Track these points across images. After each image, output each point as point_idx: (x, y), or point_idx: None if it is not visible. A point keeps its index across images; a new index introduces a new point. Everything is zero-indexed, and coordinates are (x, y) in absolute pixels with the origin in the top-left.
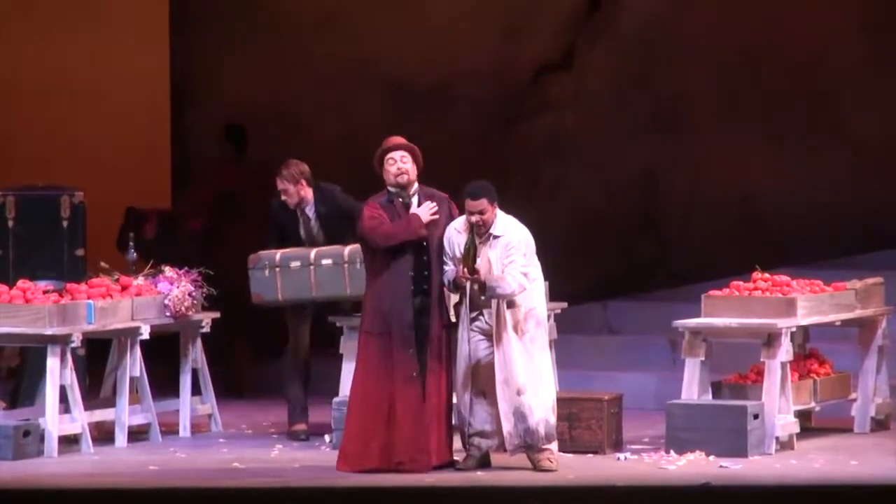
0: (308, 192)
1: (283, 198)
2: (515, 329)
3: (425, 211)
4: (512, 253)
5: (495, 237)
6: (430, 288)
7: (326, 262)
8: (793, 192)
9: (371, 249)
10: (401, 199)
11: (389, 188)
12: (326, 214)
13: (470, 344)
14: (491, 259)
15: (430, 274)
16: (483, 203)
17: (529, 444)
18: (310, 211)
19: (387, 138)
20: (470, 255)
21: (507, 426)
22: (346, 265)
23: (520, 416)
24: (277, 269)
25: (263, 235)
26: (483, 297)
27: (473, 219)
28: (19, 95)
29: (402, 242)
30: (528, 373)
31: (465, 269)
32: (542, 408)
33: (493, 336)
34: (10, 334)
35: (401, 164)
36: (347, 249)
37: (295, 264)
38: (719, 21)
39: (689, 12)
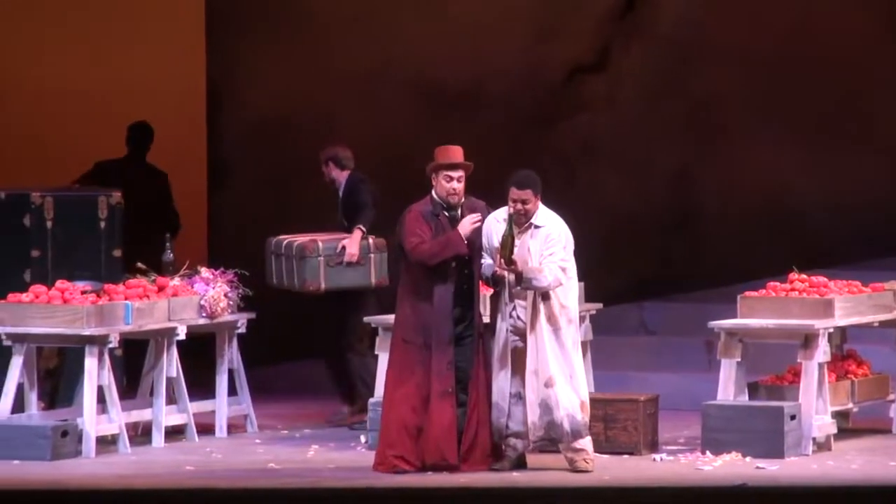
0: (337, 174)
1: None
2: (549, 321)
3: (468, 224)
4: (552, 245)
5: (536, 227)
6: (471, 300)
7: (286, 252)
8: (828, 192)
9: (401, 255)
10: (446, 213)
11: (436, 198)
12: (342, 200)
13: (507, 335)
14: (531, 249)
15: (472, 287)
16: (528, 193)
17: (552, 439)
18: (340, 193)
19: (444, 148)
20: (507, 246)
21: (532, 416)
22: (294, 259)
23: (545, 407)
24: (273, 256)
25: None
26: (519, 288)
27: (516, 207)
28: (56, 97)
29: (444, 260)
30: (558, 366)
31: (502, 261)
32: (568, 403)
33: (526, 331)
34: (48, 335)
35: (456, 183)
36: (296, 243)
37: (277, 252)
38: (752, 22)
39: (723, 14)
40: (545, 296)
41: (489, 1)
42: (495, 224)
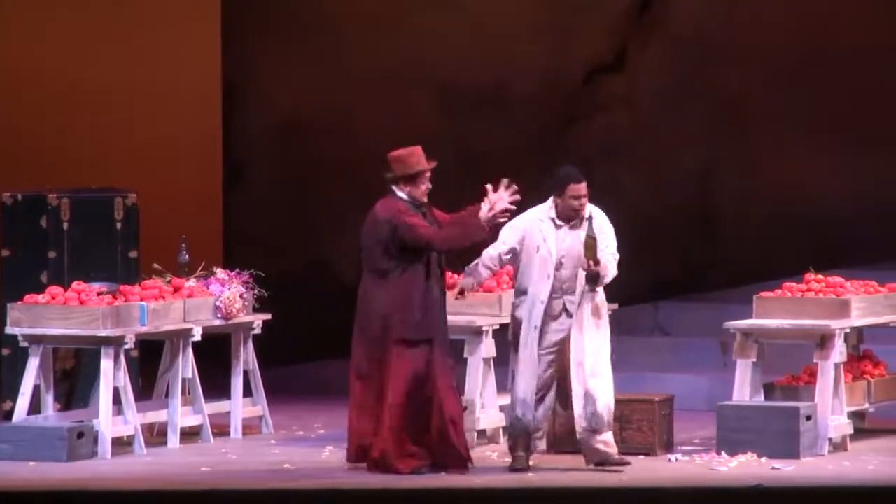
0: None
1: None
2: (594, 314)
3: (488, 212)
4: (606, 236)
5: (588, 219)
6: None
7: None
8: (848, 193)
9: (388, 256)
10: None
11: (406, 197)
12: None
13: (539, 331)
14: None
15: (442, 269)
16: (586, 186)
17: (594, 429)
18: None
19: (409, 150)
20: (592, 247)
21: (578, 408)
22: None
23: (590, 398)
24: None
25: None
26: (593, 287)
27: (581, 203)
28: (72, 98)
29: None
30: (600, 357)
31: (591, 262)
32: (606, 394)
33: (571, 325)
34: (64, 336)
35: (428, 182)
36: None
37: None
38: (772, 22)
39: (741, 13)
40: (592, 289)
41: (508, 2)
42: (537, 223)
